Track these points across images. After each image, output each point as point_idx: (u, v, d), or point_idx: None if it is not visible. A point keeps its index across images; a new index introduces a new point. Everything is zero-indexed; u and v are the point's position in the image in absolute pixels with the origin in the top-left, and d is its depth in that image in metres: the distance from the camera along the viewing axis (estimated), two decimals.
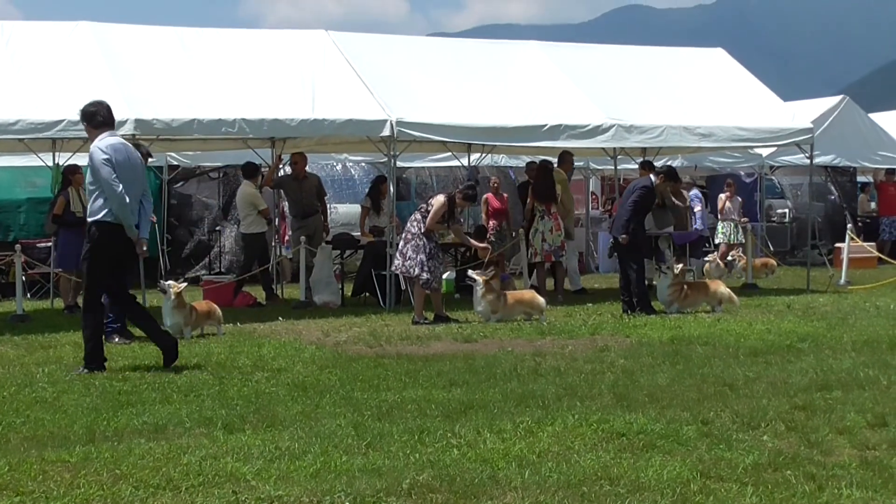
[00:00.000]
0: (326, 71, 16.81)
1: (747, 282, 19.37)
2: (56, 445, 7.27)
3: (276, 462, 6.72)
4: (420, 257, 14.31)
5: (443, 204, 14.41)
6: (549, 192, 17.43)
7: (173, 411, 8.39)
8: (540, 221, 17.36)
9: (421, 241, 14.39)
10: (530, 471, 6.44)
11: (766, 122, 18.61)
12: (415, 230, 14.49)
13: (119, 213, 10.40)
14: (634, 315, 14.65)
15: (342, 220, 22.85)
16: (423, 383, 9.53)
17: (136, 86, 15.22)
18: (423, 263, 14.29)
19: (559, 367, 10.37)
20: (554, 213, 17.40)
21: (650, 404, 8.39)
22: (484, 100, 17.25)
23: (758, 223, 25.28)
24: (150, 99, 15.02)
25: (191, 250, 23.45)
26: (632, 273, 15.28)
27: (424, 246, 14.36)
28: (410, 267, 14.42)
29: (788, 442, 7.16)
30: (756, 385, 9.20)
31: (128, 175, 10.50)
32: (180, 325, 12.92)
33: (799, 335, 12.29)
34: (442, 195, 14.74)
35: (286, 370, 10.41)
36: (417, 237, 14.42)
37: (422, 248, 14.35)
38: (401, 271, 14.76)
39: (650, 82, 19.04)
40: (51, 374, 10.27)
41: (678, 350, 11.30)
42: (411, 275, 14.52)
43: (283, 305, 17.01)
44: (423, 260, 14.29)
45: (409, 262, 14.41)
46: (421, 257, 14.31)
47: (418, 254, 14.35)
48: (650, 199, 15.49)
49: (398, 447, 7.06)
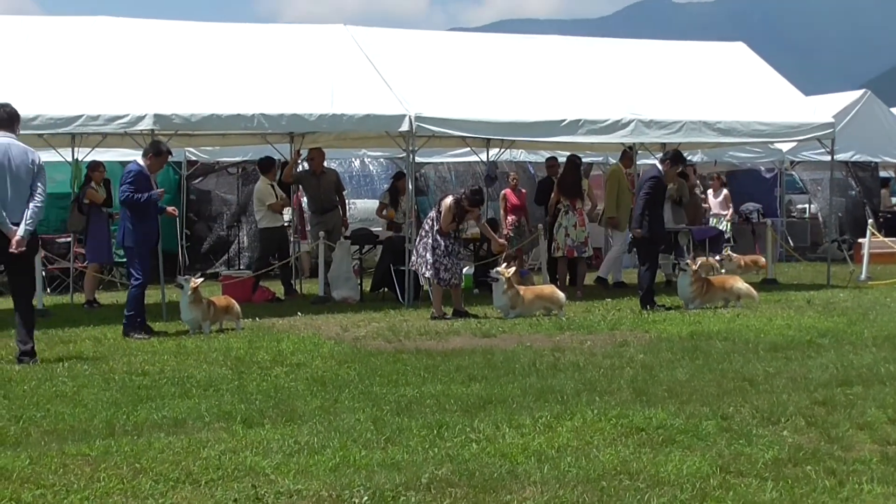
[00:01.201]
0: (345, 66, 16.82)
1: (767, 277, 19.31)
2: (76, 439, 7.31)
3: (295, 456, 6.75)
4: (427, 256, 14.42)
5: (450, 206, 14.46)
6: (576, 188, 17.41)
7: (192, 405, 8.42)
8: (564, 216, 17.34)
9: (429, 239, 14.46)
10: (549, 465, 6.45)
11: (787, 117, 18.54)
12: (427, 227, 14.61)
13: None
14: (653, 311, 14.63)
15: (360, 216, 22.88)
16: (442, 378, 9.54)
17: (154, 81, 15.26)
18: (429, 262, 14.36)
19: (578, 362, 10.37)
20: (579, 208, 17.38)
21: (669, 399, 8.38)
22: (503, 95, 17.22)
23: (778, 219, 25.21)
24: (169, 94, 15.06)
25: (210, 246, 23.52)
26: (641, 267, 15.27)
27: (435, 244, 14.40)
28: (420, 265, 14.58)
29: (809, 437, 7.15)
30: (776, 380, 9.18)
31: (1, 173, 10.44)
32: (198, 320, 12.98)
33: (819, 330, 12.25)
34: (449, 197, 14.78)
35: (305, 365, 10.44)
36: (428, 235, 14.51)
37: (430, 247, 14.41)
38: (413, 268, 14.95)
39: (670, 77, 18.98)
40: (71, 369, 10.32)
41: (698, 345, 11.28)
42: (421, 272, 14.68)
43: (301, 301, 17.05)
44: (429, 259, 14.36)
45: (419, 259, 14.59)
46: (428, 256, 14.40)
47: (426, 252, 14.45)
48: (661, 190, 15.40)
49: (417, 442, 7.08)
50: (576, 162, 17.74)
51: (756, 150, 24.95)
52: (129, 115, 14.50)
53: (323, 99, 15.95)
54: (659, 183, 15.24)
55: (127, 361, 10.72)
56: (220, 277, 18.42)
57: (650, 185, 15.14)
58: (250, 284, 17.19)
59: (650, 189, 15.12)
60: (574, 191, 17.37)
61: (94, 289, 17.19)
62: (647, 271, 15.14)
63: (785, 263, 23.35)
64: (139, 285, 12.84)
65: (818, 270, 20.37)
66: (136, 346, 11.77)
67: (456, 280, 14.61)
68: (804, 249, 25.68)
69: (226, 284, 16.85)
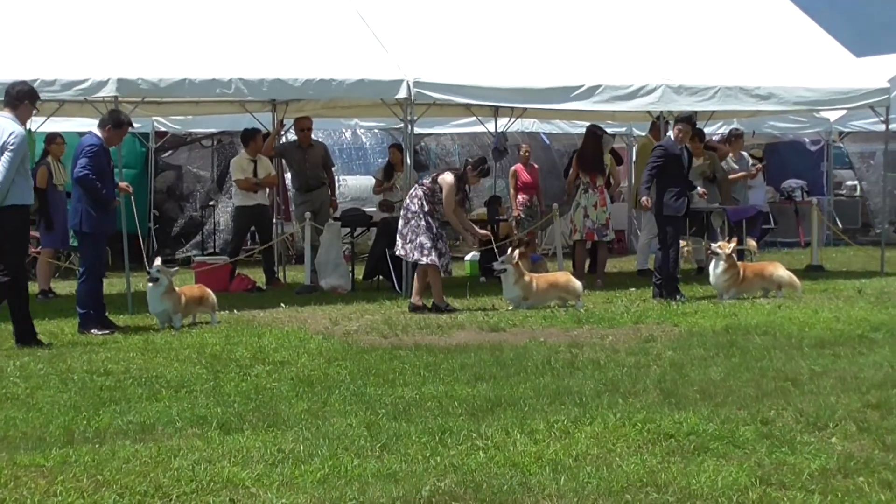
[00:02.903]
0: (334, 24, 16.77)
1: (812, 263, 19.30)
2: (30, 448, 7.31)
3: (279, 466, 6.75)
4: (421, 239, 14.28)
5: (452, 186, 14.36)
6: (597, 163, 17.36)
7: (162, 409, 8.42)
8: (583, 195, 17.26)
9: (422, 220, 14.32)
10: (566, 476, 6.45)
11: (835, 82, 18.48)
12: (415, 208, 14.42)
13: None
14: (668, 300, 14.64)
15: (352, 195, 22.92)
16: (445, 378, 9.55)
17: (118, 41, 15.20)
18: (424, 246, 14.25)
19: (598, 359, 10.37)
20: (600, 186, 17.32)
21: (702, 402, 8.38)
22: (512, 57, 17.17)
23: (824, 197, 25.18)
24: (135, 56, 15.00)
25: (181, 228, 23.54)
26: (659, 251, 15.28)
27: (427, 226, 14.29)
28: (410, 251, 14.42)
29: (860, 444, 7.14)
30: (823, 380, 9.18)
31: None
32: (168, 313, 12.95)
33: (872, 324, 12.25)
34: (449, 174, 14.57)
35: (290, 363, 10.45)
36: (418, 216, 14.36)
37: (423, 230, 14.29)
38: (400, 254, 14.72)
39: (702, 36, 18.91)
40: (23, 368, 10.32)
41: (734, 340, 11.28)
42: (411, 259, 14.54)
43: (285, 290, 17.06)
44: (424, 242, 14.25)
45: (409, 245, 14.42)
46: (422, 240, 14.27)
47: (419, 236, 14.31)
48: (670, 159, 15.39)
49: (416, 450, 7.08)
50: (596, 133, 17.69)
51: (800, 119, 24.92)
52: (89, 80, 14.46)
53: (309, 62, 15.90)
54: (665, 152, 15.27)
55: (87, 359, 10.72)
56: (192, 264, 18.43)
57: (655, 156, 15.24)
58: (227, 272, 17.20)
59: (656, 158, 15.19)
60: (594, 166, 17.33)
61: (50, 277, 17.19)
62: (665, 255, 15.14)
63: (832, 248, 23.37)
64: (92, 277, 12.83)
65: (870, 256, 20.35)
66: (98, 343, 11.77)
67: (449, 268, 14.58)
68: (854, 232, 25.65)
69: (199, 272, 16.84)
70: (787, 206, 25.61)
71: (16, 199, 11.44)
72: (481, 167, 14.77)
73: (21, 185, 11.48)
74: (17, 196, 11.45)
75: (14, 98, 11.66)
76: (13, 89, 11.74)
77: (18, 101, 11.66)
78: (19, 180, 11.44)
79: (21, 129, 11.51)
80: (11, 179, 11.32)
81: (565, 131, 25.55)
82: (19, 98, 11.66)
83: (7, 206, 11.37)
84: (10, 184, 11.32)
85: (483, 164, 14.91)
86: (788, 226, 24.75)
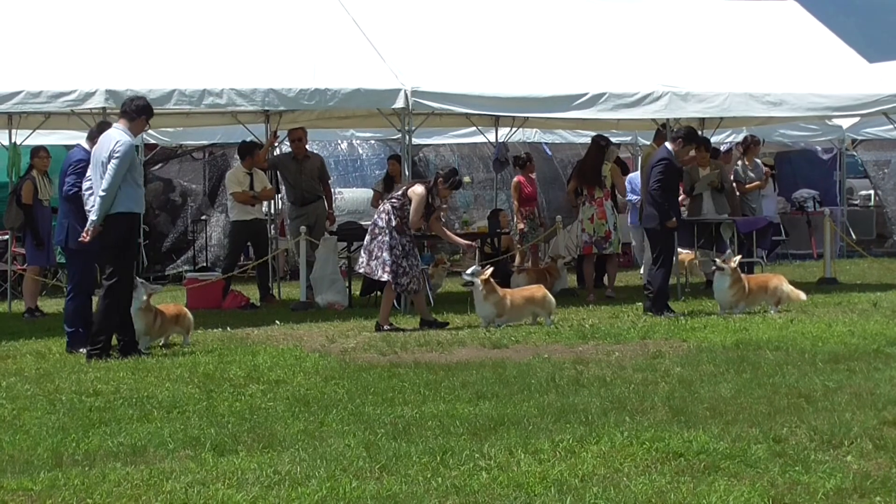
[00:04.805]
0: (330, 33, 16.80)
1: (825, 275, 19.30)
2: (17, 471, 7.30)
3: (275, 489, 6.74)
4: (384, 256, 14.20)
5: (422, 197, 14.30)
6: (595, 175, 17.38)
7: (154, 430, 8.42)
8: (581, 208, 17.33)
9: (387, 237, 14.21)
10: (572, 497, 6.45)
11: (848, 88, 18.49)
12: (382, 223, 14.32)
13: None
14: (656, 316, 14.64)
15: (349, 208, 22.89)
16: (446, 396, 9.54)
17: (106, 51, 15.26)
18: (387, 263, 14.18)
19: (605, 376, 10.36)
20: (598, 198, 17.34)
21: (712, 419, 8.37)
22: (513, 65, 17.21)
23: (837, 207, 25.19)
24: (124, 66, 15.05)
25: (172, 243, 23.53)
26: (653, 266, 15.25)
27: (392, 243, 14.19)
28: (375, 267, 14.36)
29: (877, 463, 7.13)
30: (837, 396, 9.16)
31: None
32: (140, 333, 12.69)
33: (888, 338, 12.23)
34: (420, 186, 14.45)
35: (285, 382, 10.44)
36: (384, 232, 14.27)
37: (387, 246, 14.21)
38: (365, 271, 14.65)
39: (709, 41, 18.96)
40: (10, 389, 10.32)
41: (744, 356, 11.27)
42: (375, 276, 14.49)
43: (280, 307, 17.06)
44: (387, 260, 14.18)
45: (375, 262, 14.33)
46: (385, 256, 14.19)
47: (383, 252, 14.24)
48: (674, 173, 15.40)
49: (417, 470, 7.07)
50: (599, 143, 17.71)
51: (812, 126, 24.94)
52: (76, 91, 14.50)
53: (304, 71, 15.94)
54: (670, 165, 15.24)
55: (76, 380, 10.71)
56: (184, 280, 18.42)
57: (660, 171, 15.12)
58: (220, 288, 17.19)
59: (662, 173, 15.10)
60: (592, 178, 17.36)
61: (36, 295, 17.18)
62: (659, 269, 15.12)
63: (846, 260, 23.36)
64: (80, 295, 12.82)
65: (886, 267, 20.38)
66: (87, 363, 11.76)
67: (415, 286, 14.43)
68: (869, 243, 25.69)
69: (191, 289, 16.83)
70: (798, 217, 25.62)
71: (123, 206, 11.98)
72: (452, 179, 14.67)
73: (129, 193, 12.03)
74: (124, 203, 11.98)
75: (133, 112, 12.26)
76: (132, 103, 12.37)
77: (137, 115, 12.25)
78: (126, 188, 11.98)
79: (128, 139, 12.06)
80: (118, 187, 11.86)
81: (569, 141, 25.56)
82: (138, 112, 12.28)
83: (115, 213, 11.92)
84: (117, 191, 11.86)
85: (454, 175, 14.80)
86: (800, 237, 24.76)
